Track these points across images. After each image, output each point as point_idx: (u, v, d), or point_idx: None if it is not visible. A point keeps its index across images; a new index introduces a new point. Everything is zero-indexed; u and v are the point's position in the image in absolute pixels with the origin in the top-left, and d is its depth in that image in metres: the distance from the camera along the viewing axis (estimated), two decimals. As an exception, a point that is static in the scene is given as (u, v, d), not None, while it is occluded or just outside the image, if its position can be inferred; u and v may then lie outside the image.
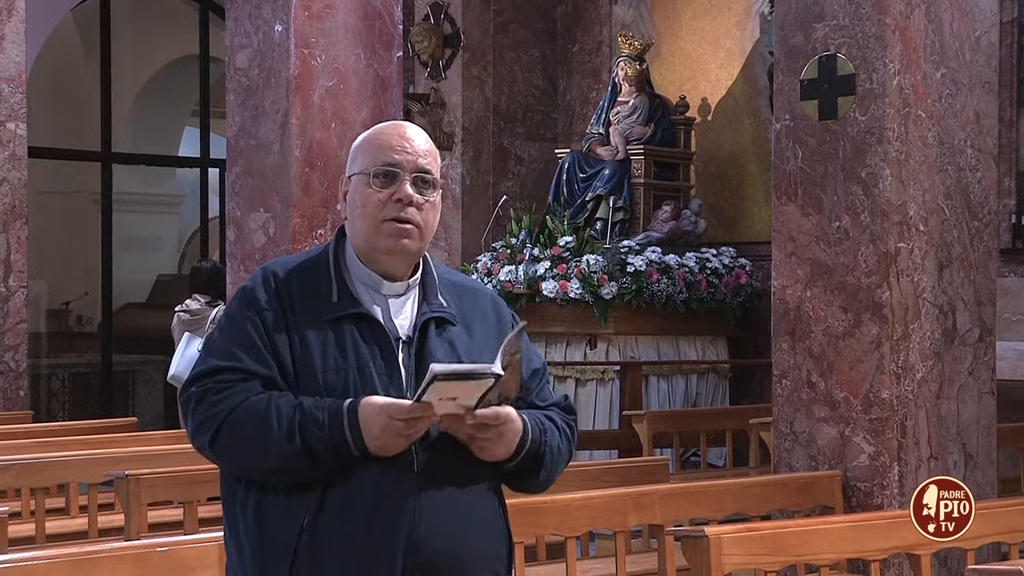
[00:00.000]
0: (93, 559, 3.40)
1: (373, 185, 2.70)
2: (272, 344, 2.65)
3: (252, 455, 2.63)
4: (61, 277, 14.09)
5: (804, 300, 5.48)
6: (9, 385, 8.74)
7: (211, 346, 2.73)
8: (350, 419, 2.57)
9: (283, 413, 2.59)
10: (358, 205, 2.72)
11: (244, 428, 2.61)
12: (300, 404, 2.60)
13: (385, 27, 6.84)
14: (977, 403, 5.54)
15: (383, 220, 2.69)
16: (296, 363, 2.64)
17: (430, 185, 2.73)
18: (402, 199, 2.69)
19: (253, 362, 2.64)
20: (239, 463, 2.67)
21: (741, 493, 5.20)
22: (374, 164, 2.72)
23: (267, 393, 2.63)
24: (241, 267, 6.72)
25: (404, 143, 2.73)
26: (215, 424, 2.63)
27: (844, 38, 5.36)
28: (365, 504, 2.59)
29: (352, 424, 2.57)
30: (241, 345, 2.66)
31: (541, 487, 2.81)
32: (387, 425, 2.56)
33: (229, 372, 2.64)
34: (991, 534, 4.55)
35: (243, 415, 2.61)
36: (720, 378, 9.90)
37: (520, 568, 4.41)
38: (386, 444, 2.57)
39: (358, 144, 2.79)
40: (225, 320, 2.75)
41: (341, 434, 2.57)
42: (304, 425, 2.58)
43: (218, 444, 2.65)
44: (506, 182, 11.02)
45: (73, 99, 13.87)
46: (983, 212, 5.59)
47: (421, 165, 2.72)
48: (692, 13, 10.61)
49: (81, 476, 5.82)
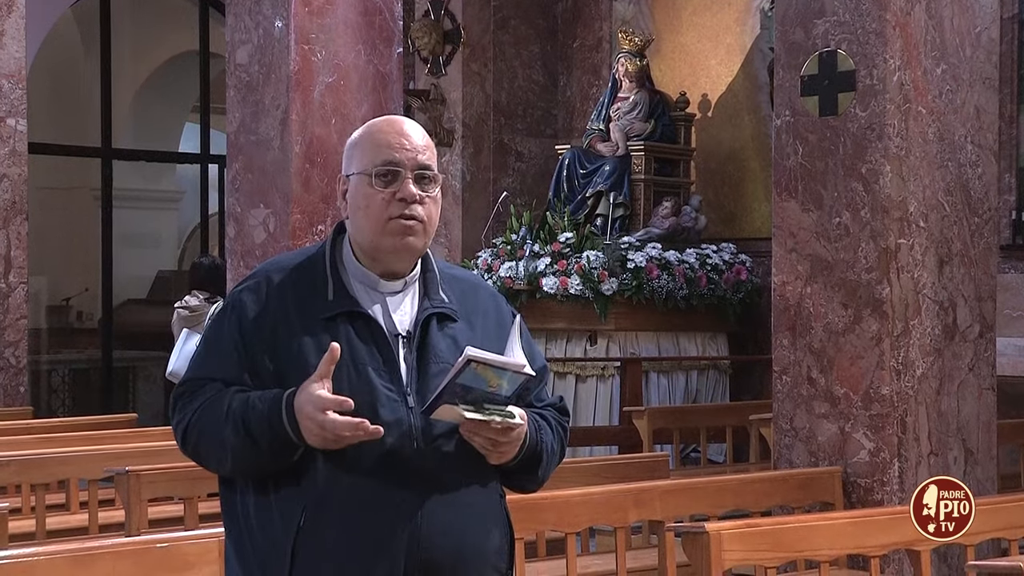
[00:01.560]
0: (93, 555, 3.40)
1: (375, 185, 2.68)
2: (251, 349, 2.65)
3: (211, 452, 2.66)
4: (61, 273, 14.09)
5: (804, 296, 5.48)
6: (9, 381, 8.74)
7: (195, 353, 2.78)
8: (287, 408, 2.55)
9: (233, 407, 2.60)
10: (361, 206, 2.69)
11: (203, 427, 2.64)
12: (247, 397, 2.60)
13: (385, 23, 6.84)
14: (977, 399, 5.54)
15: (388, 219, 2.67)
16: (284, 364, 2.63)
17: (431, 180, 2.72)
18: (406, 198, 2.67)
19: (227, 369, 2.66)
20: (207, 461, 2.70)
21: (741, 489, 5.20)
22: (374, 164, 2.69)
23: (227, 390, 2.64)
24: (241, 263, 6.71)
25: (403, 140, 2.70)
26: (183, 428, 2.68)
27: (844, 34, 5.35)
28: (365, 502, 2.58)
29: (289, 414, 2.55)
30: (218, 352, 2.69)
31: (536, 485, 2.82)
32: (311, 415, 2.52)
33: (203, 380, 2.68)
34: (991, 530, 4.56)
35: (202, 415, 2.64)
36: (720, 374, 9.91)
37: (520, 564, 4.41)
38: (318, 438, 2.53)
39: (354, 142, 2.77)
40: (211, 326, 2.77)
41: (280, 424, 2.55)
42: (247, 417, 2.57)
43: (188, 446, 2.70)
44: (506, 178, 11.02)
45: (73, 95, 13.87)
46: (983, 208, 5.59)
47: (421, 161, 2.70)
48: (692, 9, 10.61)
49: (81, 472, 5.82)
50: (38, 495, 5.61)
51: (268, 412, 2.56)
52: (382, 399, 2.61)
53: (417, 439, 2.61)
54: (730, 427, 7.90)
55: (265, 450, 2.58)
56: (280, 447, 2.57)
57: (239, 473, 2.66)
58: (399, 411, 2.61)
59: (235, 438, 2.58)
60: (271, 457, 2.59)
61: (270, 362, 2.63)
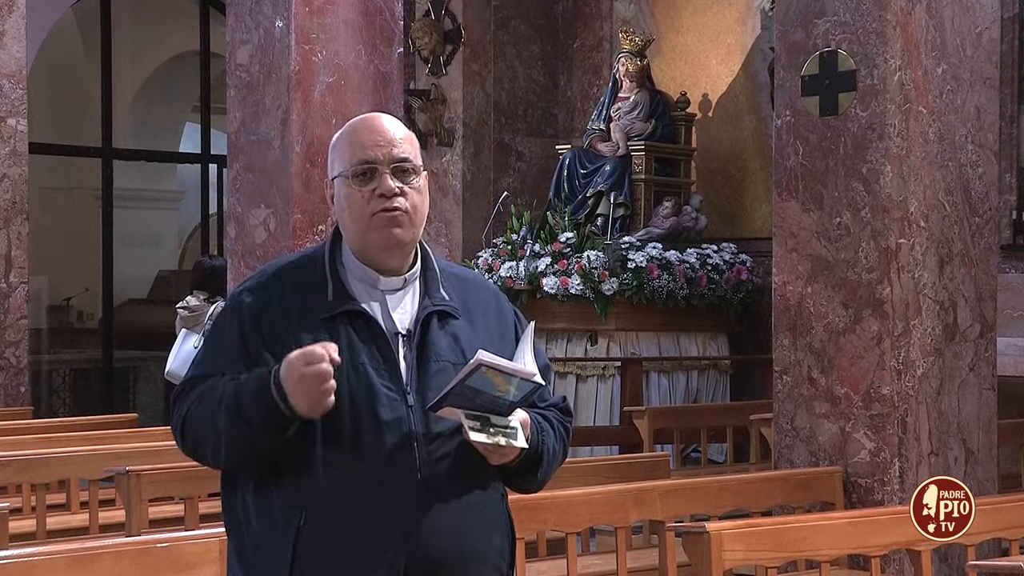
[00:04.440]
0: (94, 555, 3.40)
1: (354, 185, 2.70)
2: (251, 350, 2.65)
3: (207, 440, 2.65)
4: (62, 273, 14.10)
5: (805, 296, 5.48)
6: (10, 381, 8.74)
7: (196, 354, 2.79)
8: (275, 379, 2.55)
9: (225, 392, 2.61)
10: (345, 207, 2.72)
11: (198, 417, 2.65)
12: (236, 379, 2.62)
13: (386, 23, 6.84)
14: (978, 399, 5.53)
15: (371, 215, 2.68)
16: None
17: (411, 172, 2.72)
18: (384, 193, 2.68)
19: (227, 370, 2.66)
20: (203, 453, 2.69)
21: (742, 489, 5.20)
22: (351, 164, 2.71)
23: (221, 379, 2.64)
24: (242, 263, 6.71)
25: (376, 136, 2.71)
26: (180, 422, 2.68)
27: (845, 34, 5.35)
28: (365, 501, 2.57)
29: (277, 384, 2.55)
30: (219, 353, 2.69)
31: (537, 486, 2.81)
32: (302, 374, 2.52)
33: (203, 380, 2.68)
34: (991, 530, 4.56)
35: (197, 406, 2.65)
36: (721, 374, 9.91)
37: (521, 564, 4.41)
38: (305, 397, 2.52)
39: (333, 145, 2.79)
40: (211, 327, 2.78)
41: (270, 395, 2.55)
42: (239, 396, 2.58)
43: (185, 440, 2.70)
44: (507, 178, 11.02)
45: (74, 95, 13.88)
46: (984, 208, 5.59)
47: (396, 155, 2.71)
48: (693, 9, 10.60)
49: (82, 472, 5.82)
50: (38, 495, 5.61)
51: (257, 387, 2.57)
52: (382, 398, 2.60)
53: (417, 438, 2.61)
54: (731, 427, 7.90)
55: (257, 429, 2.57)
56: (272, 421, 2.55)
57: (234, 461, 2.65)
58: (399, 410, 2.61)
59: (227, 420, 2.58)
60: (265, 436, 2.57)
61: (270, 363, 2.63)
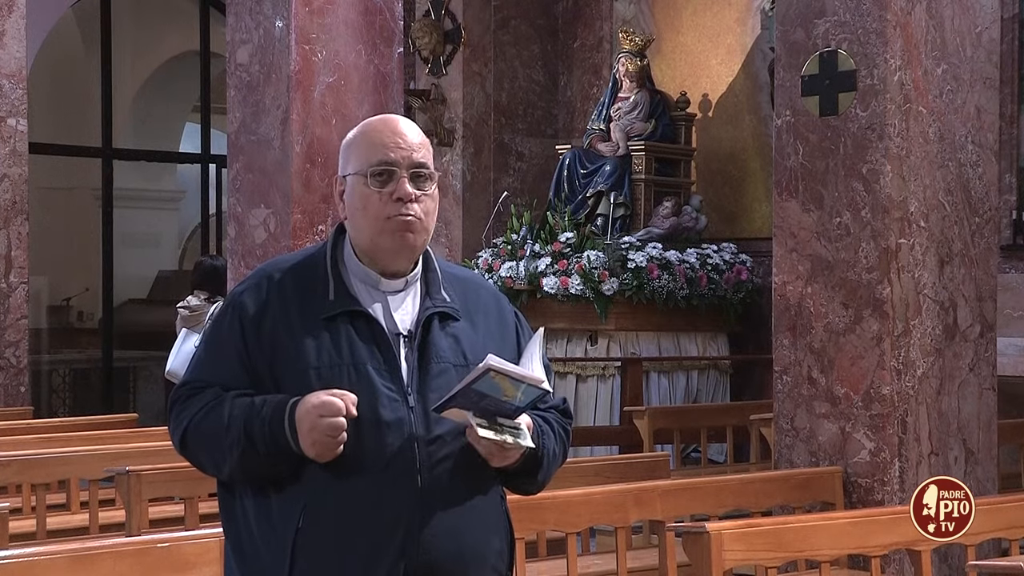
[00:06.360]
0: (94, 555, 3.40)
1: (371, 185, 2.68)
2: (251, 350, 2.64)
3: (211, 457, 2.65)
4: (62, 273, 14.10)
5: (805, 296, 5.48)
6: (10, 381, 8.74)
7: (194, 355, 2.77)
8: (290, 417, 2.55)
9: (234, 414, 2.60)
10: (358, 207, 2.69)
11: (203, 433, 2.63)
12: (250, 403, 2.60)
13: (386, 23, 6.84)
14: (978, 399, 5.53)
15: (386, 218, 2.67)
16: (284, 364, 2.62)
17: (427, 178, 2.71)
18: (402, 197, 2.67)
19: (226, 372, 2.66)
20: (205, 466, 2.70)
21: (742, 489, 5.20)
22: (369, 164, 2.69)
23: (227, 393, 2.63)
24: (242, 263, 6.71)
25: (397, 139, 2.70)
26: (181, 432, 2.68)
27: (845, 34, 5.35)
28: (365, 503, 2.57)
29: (291, 422, 2.55)
30: (218, 354, 2.69)
31: (536, 488, 2.81)
32: (314, 425, 2.52)
33: (202, 382, 2.67)
34: (992, 530, 4.56)
35: (201, 420, 2.64)
36: (721, 374, 9.91)
37: (521, 564, 4.41)
38: (315, 446, 2.53)
39: (349, 142, 2.77)
40: (210, 327, 2.77)
41: (282, 431, 2.55)
42: (249, 423, 2.57)
43: (186, 450, 2.70)
44: (507, 178, 11.02)
45: (74, 95, 13.87)
46: (984, 208, 5.59)
47: (416, 160, 2.70)
48: (693, 9, 10.61)
49: (82, 472, 5.81)
50: (38, 495, 5.61)
51: (270, 418, 2.56)
52: (383, 399, 2.60)
53: (418, 440, 2.60)
54: (731, 427, 7.90)
55: (265, 455, 2.58)
56: (281, 454, 2.57)
57: (237, 478, 2.66)
58: (400, 411, 2.61)
59: (236, 445, 2.58)
60: (271, 463, 2.59)
61: (270, 363, 2.63)
